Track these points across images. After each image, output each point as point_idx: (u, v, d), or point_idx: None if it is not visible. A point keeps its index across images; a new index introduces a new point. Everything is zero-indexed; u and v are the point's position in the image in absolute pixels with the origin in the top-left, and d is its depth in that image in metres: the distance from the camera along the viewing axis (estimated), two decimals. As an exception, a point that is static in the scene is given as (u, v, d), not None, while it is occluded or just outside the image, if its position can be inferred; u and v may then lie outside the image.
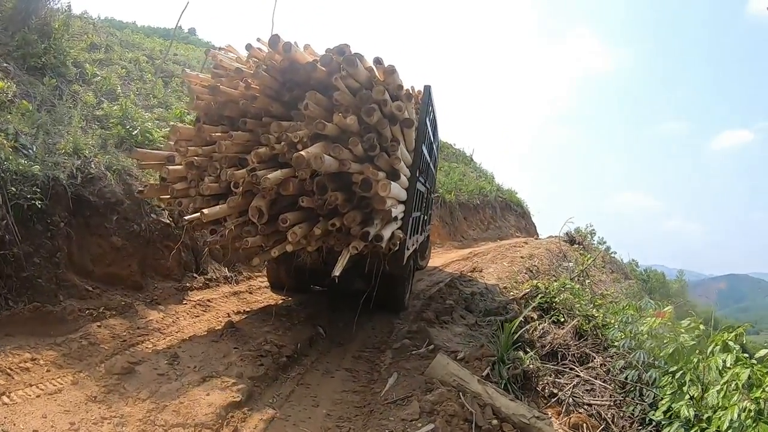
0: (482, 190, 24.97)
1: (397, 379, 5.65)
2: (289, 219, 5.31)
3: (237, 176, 5.53)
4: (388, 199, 5.42)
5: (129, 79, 12.32)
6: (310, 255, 6.27)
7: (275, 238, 5.69)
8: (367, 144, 5.47)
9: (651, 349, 6.27)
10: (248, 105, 5.91)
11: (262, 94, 5.94)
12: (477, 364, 5.81)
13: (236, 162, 5.87)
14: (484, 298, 10.41)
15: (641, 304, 8.14)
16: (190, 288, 8.14)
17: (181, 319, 6.89)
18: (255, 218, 5.47)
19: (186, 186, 6.16)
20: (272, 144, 5.63)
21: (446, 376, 5.16)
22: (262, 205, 5.43)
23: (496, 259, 16.30)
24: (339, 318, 8.14)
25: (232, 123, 6.11)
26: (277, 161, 5.65)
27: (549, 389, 6.07)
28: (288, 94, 5.95)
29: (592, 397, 6.33)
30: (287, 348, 6.10)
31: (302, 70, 5.76)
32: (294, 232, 5.27)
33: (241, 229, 5.76)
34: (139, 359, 5.21)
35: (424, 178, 8.10)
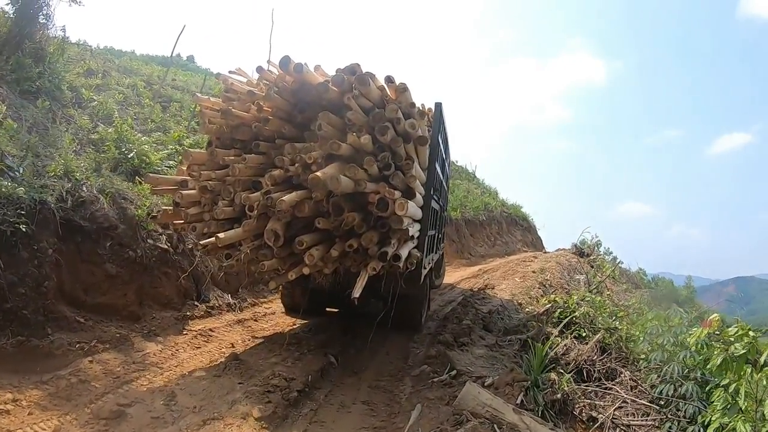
0: (487, 205, 24.39)
1: (422, 411, 5.04)
2: (306, 241, 5.24)
3: (251, 199, 5.41)
4: (404, 218, 5.29)
5: (126, 104, 11.98)
6: (325, 277, 5.96)
7: (291, 260, 5.53)
8: (382, 163, 5.37)
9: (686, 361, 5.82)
10: (261, 127, 5.82)
11: (274, 116, 5.84)
12: (508, 390, 5.18)
13: (250, 185, 5.74)
14: (502, 316, 9.78)
15: (669, 313, 7.53)
16: (191, 317, 7.52)
17: (180, 352, 6.29)
18: (271, 241, 5.35)
19: (200, 210, 6.03)
20: (286, 166, 5.55)
21: (478, 407, 4.53)
22: (277, 227, 5.33)
23: (507, 275, 15.66)
24: (351, 344, 7.55)
25: (244, 146, 6.01)
26: (292, 183, 5.56)
27: (586, 412, 5.43)
28: (300, 115, 5.88)
29: (633, 417, 5.75)
30: (297, 381, 5.47)
31: (314, 91, 5.63)
32: (311, 254, 5.17)
33: (256, 252, 5.58)
34: (131, 400, 4.62)
35: (437, 196, 7.87)
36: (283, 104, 5.86)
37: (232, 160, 5.77)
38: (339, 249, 5.31)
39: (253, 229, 5.53)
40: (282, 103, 5.85)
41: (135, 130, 9.85)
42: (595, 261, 19.98)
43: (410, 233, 5.65)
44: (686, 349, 5.88)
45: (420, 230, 6.39)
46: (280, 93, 5.80)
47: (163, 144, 10.57)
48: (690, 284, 23.46)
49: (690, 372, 5.82)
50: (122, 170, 8.35)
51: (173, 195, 6.29)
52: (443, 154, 8.32)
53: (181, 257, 8.12)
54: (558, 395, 5.06)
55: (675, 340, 6.25)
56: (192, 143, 11.31)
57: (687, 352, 5.83)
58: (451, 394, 5.41)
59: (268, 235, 5.33)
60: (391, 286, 6.05)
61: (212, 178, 5.85)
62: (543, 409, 4.95)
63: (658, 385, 6.06)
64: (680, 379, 5.82)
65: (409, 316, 7.91)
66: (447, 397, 5.35)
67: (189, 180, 6.16)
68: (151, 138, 10.26)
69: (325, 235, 5.49)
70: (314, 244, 5.32)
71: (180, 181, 6.30)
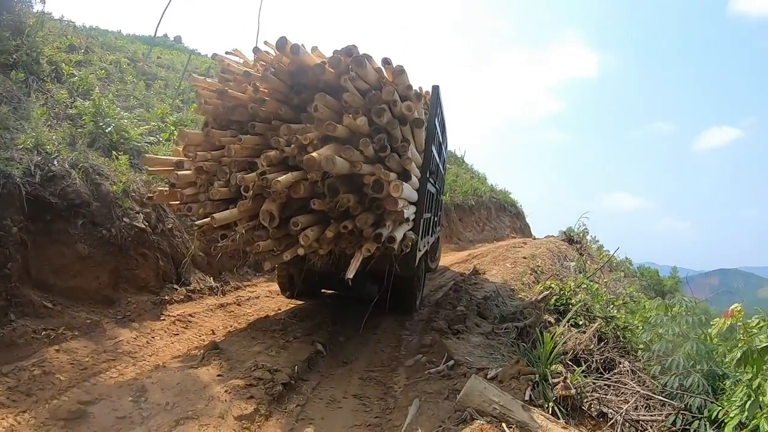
0: (476, 190, 23.85)
1: (420, 407, 4.52)
2: (301, 222, 5.17)
3: (247, 180, 5.35)
4: (400, 200, 5.24)
5: (109, 81, 11.54)
6: (320, 258, 5.93)
7: (287, 241, 5.48)
8: (378, 145, 5.32)
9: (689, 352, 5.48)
10: (257, 108, 5.76)
11: (270, 97, 5.79)
12: (514, 384, 4.67)
13: (246, 166, 5.70)
14: (496, 302, 9.31)
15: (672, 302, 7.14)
16: (170, 301, 6.95)
17: (156, 339, 5.73)
18: (266, 222, 5.30)
19: (195, 191, 5.97)
20: (282, 147, 5.46)
21: (484, 404, 4.01)
22: (273, 208, 5.27)
23: (498, 260, 15.18)
24: (340, 331, 7.06)
25: (240, 127, 5.94)
26: (287, 164, 5.49)
27: (596, 407, 4.94)
28: (297, 96, 5.80)
29: (641, 412, 5.32)
30: (282, 373, 4.92)
31: (311, 73, 5.57)
32: (306, 235, 5.09)
33: (252, 233, 5.52)
34: (95, 396, 4.05)
35: (434, 179, 7.90)
36: (279, 85, 5.79)
37: (228, 140, 5.71)
38: (334, 230, 5.22)
39: (249, 210, 5.45)
40: (278, 85, 5.77)
41: (116, 106, 9.37)
42: (585, 248, 19.68)
43: (405, 215, 5.57)
44: (691, 340, 5.55)
45: (415, 213, 6.36)
46: (277, 74, 5.74)
47: (144, 120, 10.13)
48: (675, 274, 23.19)
49: (695, 363, 5.46)
50: (99, 145, 7.87)
51: (169, 175, 6.21)
52: (440, 137, 8.16)
53: (160, 237, 7.57)
54: (572, 390, 4.56)
55: (679, 330, 5.87)
56: (176, 120, 10.99)
57: (692, 343, 5.49)
58: (450, 387, 4.91)
59: (264, 215, 5.26)
60: (386, 269, 6.02)
61: (208, 159, 5.81)
62: (553, 405, 4.45)
63: (660, 377, 5.74)
64: (686, 370, 5.43)
65: (404, 298, 7.78)
66: (446, 390, 4.85)
67: (185, 160, 6.10)
68: (132, 114, 9.86)
69: (321, 217, 5.41)
70: (309, 225, 5.23)
71: (176, 161, 6.24)
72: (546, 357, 4.74)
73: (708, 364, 5.45)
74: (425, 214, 6.96)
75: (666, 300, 7.30)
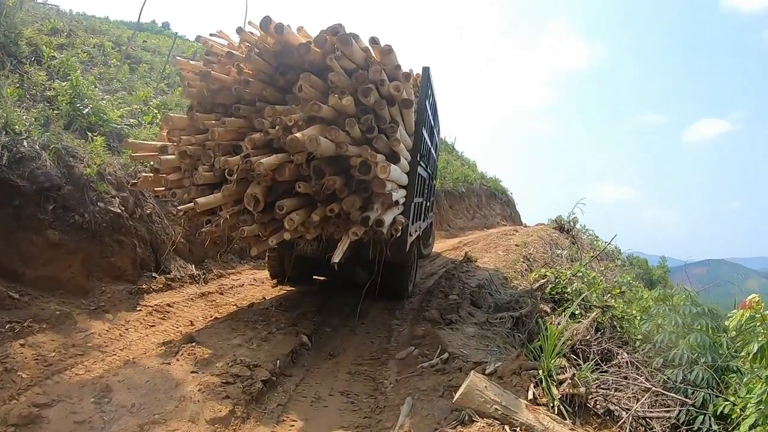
0: (467, 177, 23.49)
1: (413, 406, 4.13)
2: (286, 206, 5.00)
3: (231, 163, 5.20)
4: (387, 182, 5.08)
5: (92, 64, 11.07)
6: (309, 244, 5.92)
7: (273, 226, 5.30)
8: (365, 126, 5.16)
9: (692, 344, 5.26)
10: (241, 90, 5.63)
11: (255, 78, 5.64)
12: (516, 380, 4.27)
13: (230, 149, 5.50)
14: (489, 290, 8.95)
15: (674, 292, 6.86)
16: (147, 291, 6.53)
17: (130, 332, 5.31)
18: (251, 206, 5.13)
19: (180, 176, 5.80)
20: (266, 129, 5.32)
21: (484, 405, 3.62)
22: (257, 192, 5.12)
23: (489, 248, 14.83)
24: (327, 321, 6.67)
25: (225, 110, 5.80)
26: (272, 147, 5.31)
27: (602, 404, 4.57)
28: (282, 78, 5.65)
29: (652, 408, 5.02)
30: (263, 369, 4.48)
31: (296, 53, 5.39)
32: (291, 219, 4.95)
33: (237, 218, 5.35)
34: (54, 398, 3.62)
35: (425, 163, 7.68)
36: (264, 66, 5.63)
37: (212, 124, 5.54)
38: (320, 214, 5.07)
39: (233, 194, 5.31)
40: (263, 65, 5.62)
41: (97, 89, 9.12)
42: (577, 237, 19.44)
43: (394, 198, 5.42)
44: (695, 332, 5.32)
45: (406, 196, 6.24)
46: (261, 55, 5.60)
47: (126, 103, 9.75)
48: (664, 264, 23.00)
49: (700, 356, 5.20)
50: (76, 127, 7.46)
51: (152, 161, 6.07)
52: (431, 120, 7.91)
53: (138, 223, 7.17)
54: (581, 389, 4.17)
55: (682, 322, 5.65)
56: (159, 103, 10.63)
57: (697, 335, 5.25)
58: (446, 384, 4.52)
59: (248, 199, 5.11)
60: (376, 254, 5.89)
61: (192, 143, 5.63)
62: (559, 404, 4.06)
63: (663, 369, 5.49)
64: (689, 363, 5.20)
65: (396, 284, 7.62)
66: (441, 387, 4.46)
67: (169, 145, 5.90)
68: (113, 97, 9.53)
69: (306, 200, 5.22)
70: (295, 209, 5.06)
71: (159, 146, 6.01)
72: (550, 351, 4.35)
73: (712, 357, 5.17)
74: (416, 199, 6.84)
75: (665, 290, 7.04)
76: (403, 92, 5.36)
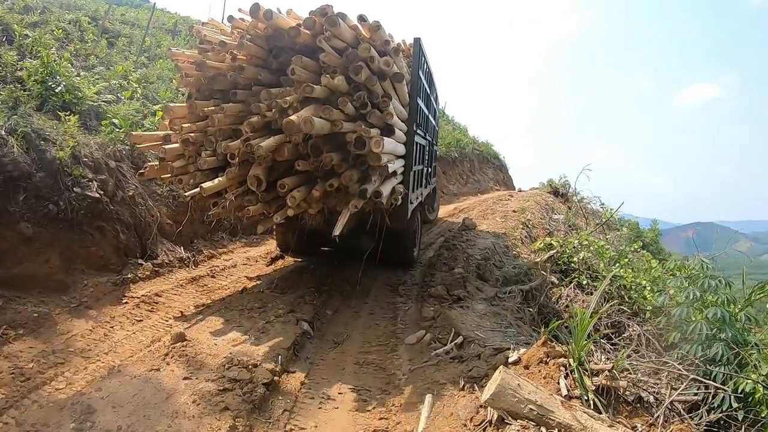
0: (459, 142, 22.81)
1: (433, 404, 3.68)
2: (287, 184, 5.15)
3: (232, 148, 5.33)
4: (383, 155, 5.19)
5: (68, 41, 10.44)
6: (314, 217, 5.94)
7: (277, 204, 5.39)
8: (358, 102, 5.29)
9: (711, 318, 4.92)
10: (237, 76, 5.70)
11: (249, 63, 5.70)
12: (543, 370, 3.81)
13: (231, 134, 5.64)
14: (494, 261, 8.48)
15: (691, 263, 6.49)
16: (133, 280, 6.01)
17: (116, 329, 4.80)
18: (254, 187, 5.26)
19: (185, 163, 5.90)
20: (263, 112, 5.39)
21: (517, 405, 3.17)
22: (259, 173, 5.24)
23: (486, 214, 14.32)
24: (327, 303, 6.21)
25: (223, 96, 5.88)
26: (271, 128, 5.41)
27: (632, 391, 4.11)
28: (275, 60, 5.69)
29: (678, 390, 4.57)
30: (263, 368, 3.96)
31: (286, 36, 5.45)
32: (293, 196, 5.07)
33: (242, 199, 5.45)
34: (27, 428, 3.11)
35: (423, 131, 7.88)
36: (257, 51, 5.68)
37: (211, 110, 5.65)
38: (320, 189, 5.18)
39: (237, 177, 5.42)
40: (256, 50, 5.67)
41: (74, 66, 8.75)
42: (571, 202, 19.03)
43: (391, 169, 5.55)
44: (714, 306, 4.99)
45: (404, 166, 6.41)
46: (253, 40, 5.65)
47: (104, 79, 9.17)
48: (655, 227, 22.66)
49: (719, 331, 4.88)
50: (49, 107, 6.89)
51: (158, 150, 6.03)
52: (427, 89, 8.02)
53: (119, 207, 6.61)
54: (621, 382, 3.72)
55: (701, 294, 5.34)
56: (139, 77, 10.16)
57: (716, 309, 4.91)
58: (465, 374, 4.07)
59: (251, 180, 5.23)
60: (378, 224, 6.01)
61: (193, 131, 5.73)
62: (593, 398, 3.61)
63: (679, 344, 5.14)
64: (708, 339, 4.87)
65: (401, 251, 7.78)
66: (461, 378, 4.00)
67: (171, 134, 6.00)
68: (90, 73, 9.01)
69: (307, 177, 5.37)
70: (296, 186, 5.19)
71: (163, 135, 6.12)
72: (580, 336, 3.88)
73: (731, 333, 4.85)
74: (415, 167, 6.96)
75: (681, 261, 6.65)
76: (393, 66, 5.48)
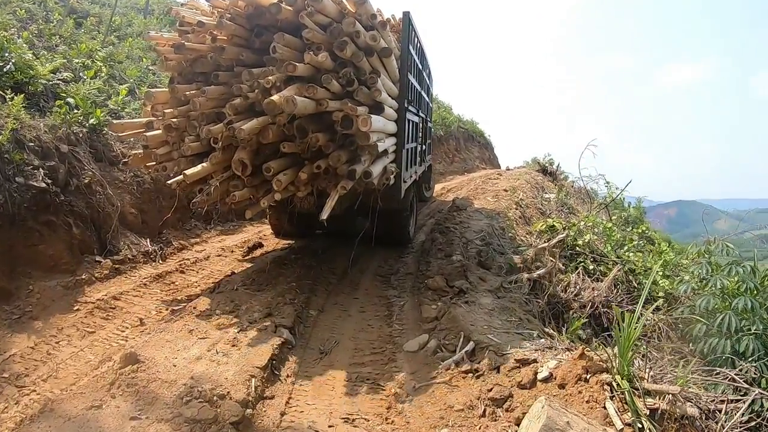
0: (444, 120, 21.93)
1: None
2: (273, 167, 4.92)
3: (214, 132, 5.03)
4: (372, 134, 4.99)
5: (32, 21, 9.55)
6: (305, 200, 5.61)
7: (264, 188, 5.17)
8: (344, 80, 5.08)
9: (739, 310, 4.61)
10: (218, 57, 5.42)
11: (230, 44, 5.45)
12: (584, 390, 3.02)
13: (214, 117, 5.35)
14: (493, 245, 7.69)
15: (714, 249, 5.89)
16: (89, 281, 5.22)
17: (62, 345, 4.01)
18: (239, 171, 5.06)
19: (168, 149, 5.65)
20: (245, 93, 5.14)
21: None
22: (244, 157, 5.02)
23: (477, 194, 13.52)
24: (310, 301, 5.41)
25: (206, 78, 5.59)
26: (254, 110, 5.12)
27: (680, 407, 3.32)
28: (258, 39, 5.42)
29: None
30: (231, 403, 3.08)
31: (268, 13, 5.21)
32: (278, 179, 4.83)
33: (227, 184, 5.22)
34: None
35: (415, 108, 7.62)
36: (238, 31, 5.42)
37: (192, 94, 5.35)
38: (308, 171, 4.94)
39: (221, 162, 5.18)
40: (237, 30, 5.40)
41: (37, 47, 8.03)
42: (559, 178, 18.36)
43: (382, 148, 5.37)
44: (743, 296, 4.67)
45: (396, 144, 6.21)
46: (233, 19, 5.39)
47: (67, 59, 8.33)
48: (640, 205, 22.13)
49: (748, 324, 4.57)
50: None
51: (141, 138, 5.91)
52: (418, 64, 7.68)
53: (73, 197, 5.85)
54: (688, 409, 2.91)
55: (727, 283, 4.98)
56: (105, 56, 9.46)
57: (745, 299, 4.60)
58: (485, 395, 3.28)
59: (236, 165, 5.01)
60: (371, 203, 5.83)
61: (176, 116, 5.49)
62: (648, 425, 2.83)
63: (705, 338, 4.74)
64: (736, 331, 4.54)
65: (397, 230, 7.58)
66: (481, 402, 3.22)
67: (153, 120, 5.78)
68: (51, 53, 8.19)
69: (294, 159, 5.13)
70: (282, 169, 4.94)
71: (145, 122, 5.89)
72: (626, 347, 3.09)
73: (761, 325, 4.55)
74: (408, 145, 6.76)
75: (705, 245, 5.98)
76: (380, 41, 5.23)
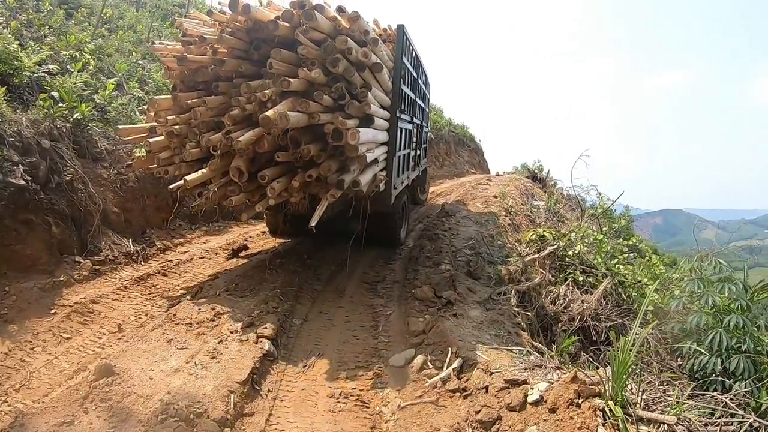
0: (435, 124, 21.79)
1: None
2: (268, 175, 5.14)
3: (213, 141, 5.28)
4: (360, 146, 5.17)
5: (21, 11, 9.36)
6: (299, 203, 5.73)
7: (259, 193, 5.36)
8: (336, 93, 5.28)
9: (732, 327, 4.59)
10: (218, 69, 5.60)
11: (230, 56, 5.64)
12: (576, 416, 2.89)
13: (214, 126, 5.57)
14: (482, 254, 7.56)
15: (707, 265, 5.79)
16: (67, 283, 5.07)
17: (36, 352, 3.86)
18: (236, 178, 5.23)
19: (170, 154, 5.79)
20: (243, 105, 5.33)
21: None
22: (240, 164, 5.20)
23: (467, 199, 13.37)
24: (294, 309, 5.29)
25: (207, 87, 5.79)
26: (252, 121, 5.33)
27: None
28: (257, 52, 5.61)
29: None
30: (209, 421, 2.92)
31: (266, 29, 5.40)
32: (272, 187, 5.05)
33: (225, 189, 5.42)
34: None
35: (410, 115, 7.85)
36: (237, 44, 5.60)
37: (194, 103, 5.58)
38: (300, 179, 5.13)
39: (219, 168, 5.40)
40: (237, 43, 5.59)
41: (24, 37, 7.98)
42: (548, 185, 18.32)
43: (370, 159, 5.56)
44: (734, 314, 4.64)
45: (387, 152, 6.40)
46: (234, 33, 5.58)
47: (55, 50, 8.26)
48: (627, 213, 22.09)
49: (739, 342, 4.51)
50: None
51: (144, 143, 6.02)
52: (413, 72, 7.90)
53: (54, 195, 5.71)
54: None
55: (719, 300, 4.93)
56: (94, 48, 9.31)
57: (737, 317, 4.57)
58: (473, 418, 3.14)
59: (233, 172, 5.21)
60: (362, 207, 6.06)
61: (177, 123, 5.66)
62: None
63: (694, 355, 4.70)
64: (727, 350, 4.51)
65: (388, 233, 7.82)
66: (468, 423, 3.08)
67: (157, 126, 5.91)
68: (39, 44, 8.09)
69: (287, 168, 5.33)
70: (276, 177, 5.18)
71: (149, 128, 6.03)
72: (621, 371, 2.97)
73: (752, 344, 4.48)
74: (400, 152, 7.02)
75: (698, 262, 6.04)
76: (371, 57, 5.36)
